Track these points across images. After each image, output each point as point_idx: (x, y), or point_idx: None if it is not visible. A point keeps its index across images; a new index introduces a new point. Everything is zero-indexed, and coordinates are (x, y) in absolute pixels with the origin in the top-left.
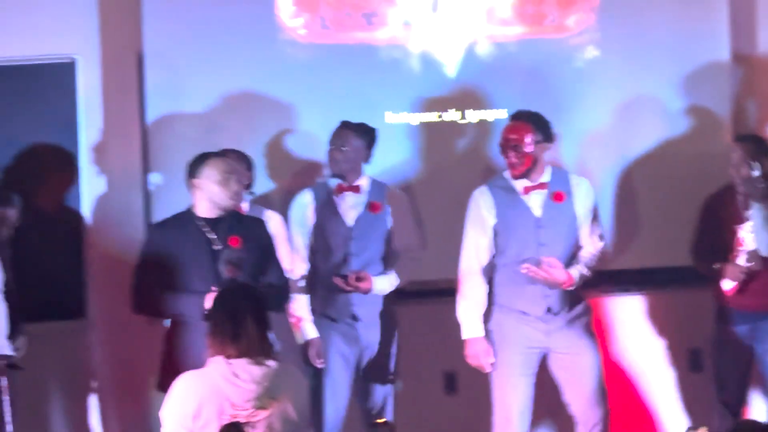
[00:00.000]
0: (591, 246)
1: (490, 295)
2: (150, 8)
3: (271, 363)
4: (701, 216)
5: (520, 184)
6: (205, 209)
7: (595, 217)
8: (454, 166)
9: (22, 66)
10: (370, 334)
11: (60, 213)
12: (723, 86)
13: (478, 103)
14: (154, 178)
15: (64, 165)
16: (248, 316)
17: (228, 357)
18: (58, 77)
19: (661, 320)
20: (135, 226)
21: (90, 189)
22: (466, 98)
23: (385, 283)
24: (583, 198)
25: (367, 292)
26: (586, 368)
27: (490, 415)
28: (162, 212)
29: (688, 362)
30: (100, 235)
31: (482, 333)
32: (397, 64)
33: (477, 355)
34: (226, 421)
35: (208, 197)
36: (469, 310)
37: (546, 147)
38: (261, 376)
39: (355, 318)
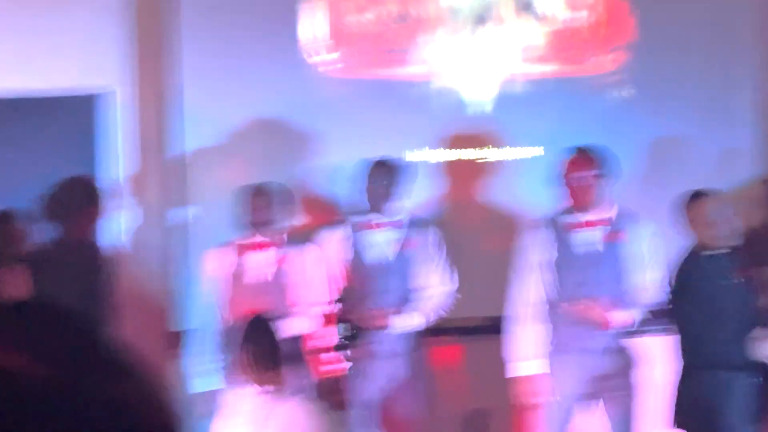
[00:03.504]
0: (647, 290)
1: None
2: (189, 42)
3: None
4: None
5: (579, 218)
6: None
7: (654, 262)
8: (484, 205)
9: (62, 97)
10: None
11: (87, 244)
12: (760, 124)
13: (513, 140)
14: (192, 211)
15: (99, 197)
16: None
17: None
18: (93, 109)
19: None
20: (167, 258)
21: (124, 221)
22: (499, 135)
23: (413, 320)
24: (643, 239)
25: (384, 328)
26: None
27: None
28: (199, 245)
29: None
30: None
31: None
32: (430, 100)
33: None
34: None
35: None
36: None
37: (609, 182)
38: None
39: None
